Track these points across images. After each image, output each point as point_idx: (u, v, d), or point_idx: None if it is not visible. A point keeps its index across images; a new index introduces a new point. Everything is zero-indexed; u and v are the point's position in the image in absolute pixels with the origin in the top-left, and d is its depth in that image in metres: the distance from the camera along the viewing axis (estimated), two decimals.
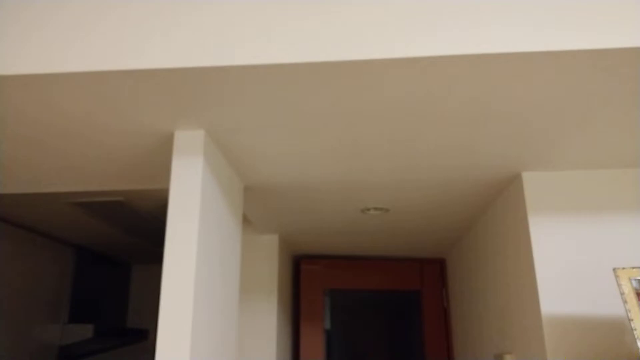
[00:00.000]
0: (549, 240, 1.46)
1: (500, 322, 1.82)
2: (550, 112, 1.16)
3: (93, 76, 1.02)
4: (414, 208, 1.90)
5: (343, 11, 1.00)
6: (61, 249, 2.52)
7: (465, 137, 1.29)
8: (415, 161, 1.45)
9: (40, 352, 2.34)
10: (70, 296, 2.55)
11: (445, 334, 2.70)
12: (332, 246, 2.63)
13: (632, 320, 1.10)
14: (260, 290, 2.22)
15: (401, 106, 1.13)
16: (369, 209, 1.92)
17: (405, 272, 2.79)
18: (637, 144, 1.34)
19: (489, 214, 1.91)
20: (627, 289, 1.13)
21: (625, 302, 1.12)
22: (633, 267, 1.15)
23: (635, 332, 1.09)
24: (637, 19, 0.95)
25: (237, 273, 1.53)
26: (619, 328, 1.34)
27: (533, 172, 1.52)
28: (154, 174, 1.55)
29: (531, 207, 1.49)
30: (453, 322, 2.66)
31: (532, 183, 1.51)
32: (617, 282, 1.20)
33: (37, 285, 2.33)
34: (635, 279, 1.14)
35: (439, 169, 1.50)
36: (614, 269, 1.15)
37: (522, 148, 1.37)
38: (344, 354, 3.01)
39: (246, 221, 2.31)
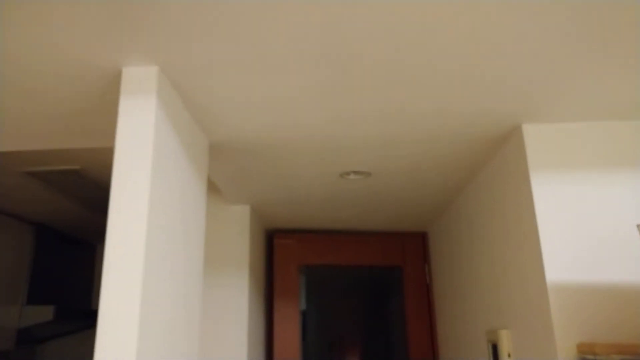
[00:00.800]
0: (553, 199, 1.30)
1: (494, 295, 1.67)
2: (547, 53, 0.99)
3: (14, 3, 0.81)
4: (399, 171, 1.73)
5: None
6: (19, 227, 2.30)
7: (457, 86, 1.11)
8: (402, 116, 1.27)
9: None
10: (29, 276, 2.34)
11: (428, 312, 2.56)
12: (308, 220, 2.45)
13: None
14: (230, 265, 2.03)
15: (384, 46, 0.94)
16: (348, 173, 1.73)
17: (385, 247, 2.63)
18: None
19: (481, 178, 1.75)
20: None
21: None
22: None
23: None
24: None
25: (201, 244, 1.33)
26: (637, 296, 1.19)
27: (534, 124, 1.36)
28: (104, 128, 1.34)
29: (533, 162, 1.33)
30: (436, 298, 2.52)
31: (534, 136, 1.35)
32: None
33: None
34: None
35: (428, 122, 1.33)
36: (638, 225, 1.00)
37: (520, 98, 1.20)
38: (320, 335, 2.85)
39: (215, 190, 2.10)
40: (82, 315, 2.53)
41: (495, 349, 1.62)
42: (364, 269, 2.83)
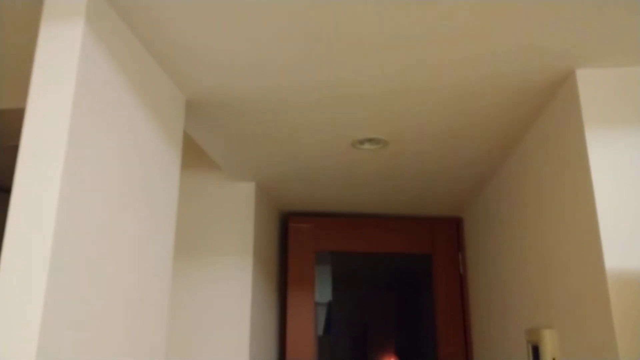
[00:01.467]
0: (615, 166, 1.01)
1: (537, 288, 1.38)
2: None
3: None
4: (422, 139, 1.45)
5: None
6: None
7: (497, 15, 0.83)
8: (424, 64, 0.99)
9: None
10: None
11: (461, 306, 2.27)
12: (324, 201, 2.20)
13: None
14: (232, 255, 1.80)
15: None
16: (362, 142, 1.47)
17: (412, 233, 2.35)
18: None
19: (525, 146, 1.46)
20: None
21: None
22: None
23: None
24: None
25: (171, 221, 1.10)
26: None
27: (591, 69, 1.06)
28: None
29: (589, 118, 1.03)
30: (471, 291, 2.23)
31: (590, 83, 1.05)
32: None
33: None
34: None
35: (457, 74, 1.05)
36: None
37: (576, 31, 0.91)
38: (343, 328, 2.61)
39: (214, 166, 1.87)
40: None
41: (536, 352, 1.34)
42: (395, 259, 2.57)
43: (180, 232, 1.82)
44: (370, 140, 1.45)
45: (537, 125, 1.32)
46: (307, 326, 2.18)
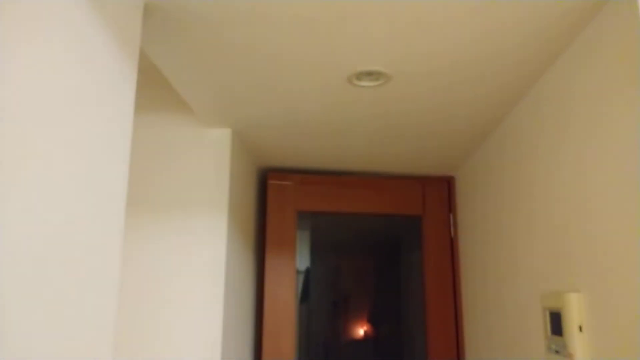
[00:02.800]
0: None
1: (554, 245, 1.20)
2: None
3: None
4: (427, 77, 1.24)
5: None
6: None
7: None
8: None
9: None
10: None
11: (452, 270, 2.11)
12: (309, 156, 1.98)
13: None
14: (205, 206, 1.58)
15: None
16: (359, 76, 1.25)
17: (402, 193, 2.16)
18: None
19: (542, 84, 1.26)
20: None
21: None
22: None
23: None
24: None
25: (123, 159, 0.87)
26: None
27: None
28: None
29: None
30: (462, 254, 2.06)
31: None
32: None
33: None
34: None
35: None
36: None
37: None
38: (324, 294, 2.43)
39: (185, 109, 1.63)
40: None
41: (556, 320, 1.17)
42: (378, 223, 2.39)
43: (145, 184, 1.59)
44: (369, 74, 1.23)
45: (572, 48, 1.12)
46: (287, 292, 1.99)
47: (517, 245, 1.48)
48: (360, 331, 2.31)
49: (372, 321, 2.37)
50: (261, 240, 2.17)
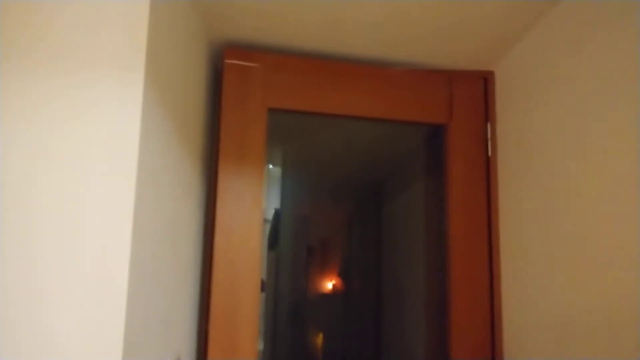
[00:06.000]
0: None
1: None
2: None
3: None
4: None
5: None
6: None
7: None
8: None
9: None
10: None
11: (487, 202, 1.48)
12: (289, 24, 1.29)
13: None
14: (101, 63, 0.89)
15: None
16: None
17: (421, 91, 1.50)
18: None
19: None
20: None
21: None
22: None
23: None
24: None
25: None
26: None
27: None
28: None
29: None
30: (502, 181, 1.43)
31: None
32: None
33: None
34: None
35: None
36: None
37: None
38: (290, 243, 1.84)
39: None
40: None
41: None
42: (357, 163, 1.80)
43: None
44: None
45: None
46: (250, 230, 1.33)
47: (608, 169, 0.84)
48: (329, 285, 1.78)
49: (342, 275, 1.83)
50: (214, 144, 1.49)
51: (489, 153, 1.49)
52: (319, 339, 1.86)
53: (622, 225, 0.98)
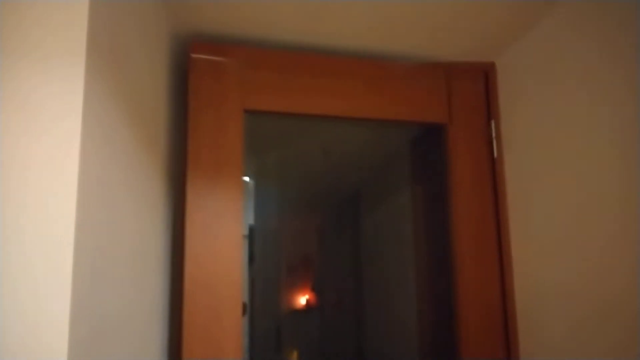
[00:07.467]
0: None
1: None
2: None
3: None
4: None
5: None
6: None
7: None
8: None
9: None
10: None
11: (494, 204, 1.31)
12: (266, 13, 1.11)
13: None
14: (33, 49, 0.69)
15: None
16: None
17: (415, 86, 1.33)
18: None
19: None
20: None
21: None
22: None
23: None
24: None
25: None
26: None
27: None
28: None
29: None
30: (510, 183, 1.27)
31: None
32: None
33: None
34: None
35: None
36: None
37: None
38: (267, 258, 1.71)
39: None
40: None
41: None
42: (335, 172, 1.68)
43: None
44: None
45: None
46: (228, 251, 1.13)
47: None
48: (302, 300, 1.69)
49: (316, 289, 1.68)
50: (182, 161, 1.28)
51: (495, 154, 1.33)
52: (294, 357, 1.75)
53: None
